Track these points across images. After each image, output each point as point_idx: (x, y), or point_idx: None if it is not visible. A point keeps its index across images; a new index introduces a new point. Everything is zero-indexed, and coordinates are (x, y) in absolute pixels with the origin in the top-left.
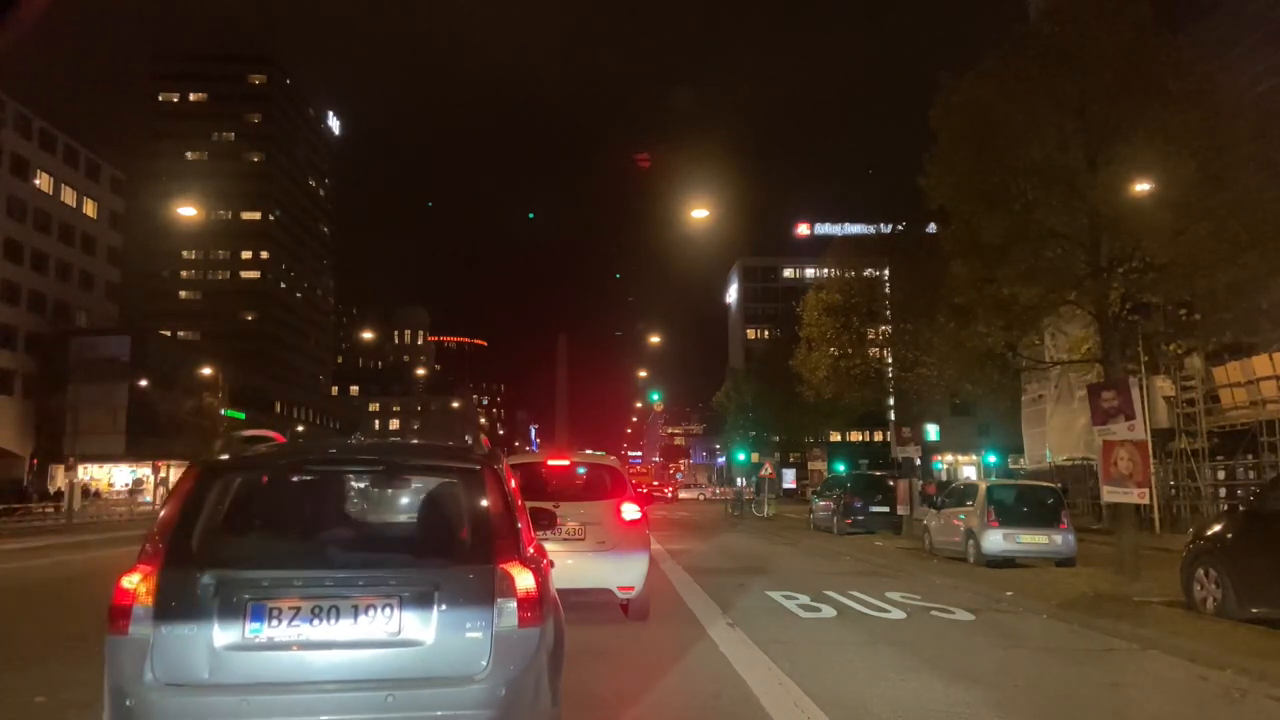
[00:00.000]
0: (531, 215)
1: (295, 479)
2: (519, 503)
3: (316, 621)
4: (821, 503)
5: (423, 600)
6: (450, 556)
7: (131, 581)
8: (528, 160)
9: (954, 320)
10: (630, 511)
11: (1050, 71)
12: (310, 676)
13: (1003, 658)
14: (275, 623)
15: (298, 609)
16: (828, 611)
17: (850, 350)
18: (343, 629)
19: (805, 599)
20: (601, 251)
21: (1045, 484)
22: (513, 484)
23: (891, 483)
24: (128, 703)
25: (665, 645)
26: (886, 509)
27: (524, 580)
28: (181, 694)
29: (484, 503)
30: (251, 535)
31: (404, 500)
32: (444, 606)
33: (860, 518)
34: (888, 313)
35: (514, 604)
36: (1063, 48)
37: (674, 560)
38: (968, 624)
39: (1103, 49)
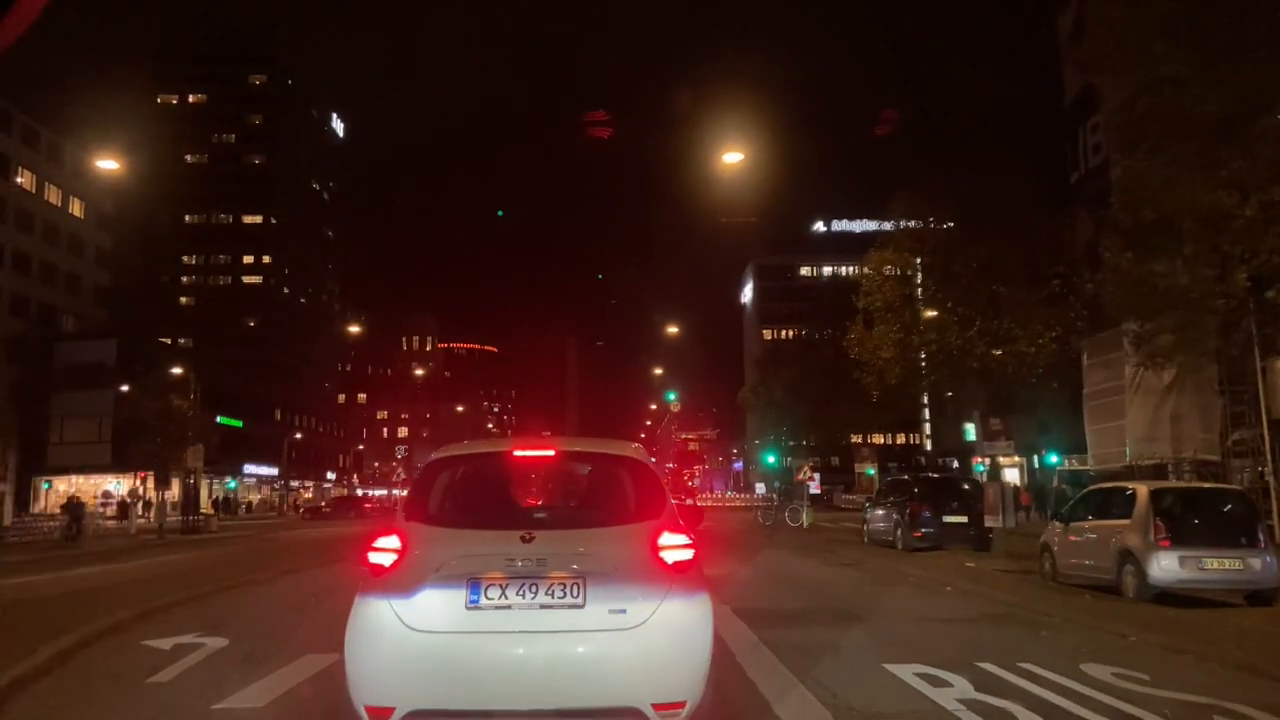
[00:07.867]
0: (501, 213)
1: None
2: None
3: None
4: (879, 512)
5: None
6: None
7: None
8: (536, 163)
9: (1131, 249)
10: (674, 549)
11: None
12: None
13: None
14: None
15: None
16: None
17: (927, 315)
18: None
19: (963, 685)
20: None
21: (1228, 486)
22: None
23: (966, 486)
24: None
25: None
26: (964, 519)
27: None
28: None
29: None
30: None
31: None
32: None
33: (930, 530)
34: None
35: None
36: None
37: (716, 596)
38: None
39: None
